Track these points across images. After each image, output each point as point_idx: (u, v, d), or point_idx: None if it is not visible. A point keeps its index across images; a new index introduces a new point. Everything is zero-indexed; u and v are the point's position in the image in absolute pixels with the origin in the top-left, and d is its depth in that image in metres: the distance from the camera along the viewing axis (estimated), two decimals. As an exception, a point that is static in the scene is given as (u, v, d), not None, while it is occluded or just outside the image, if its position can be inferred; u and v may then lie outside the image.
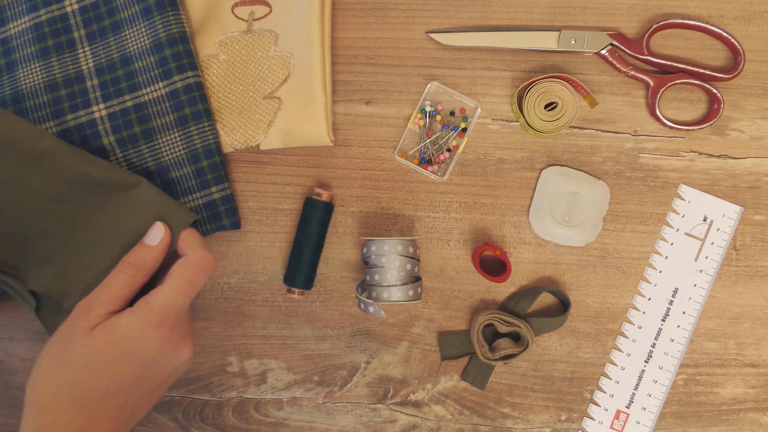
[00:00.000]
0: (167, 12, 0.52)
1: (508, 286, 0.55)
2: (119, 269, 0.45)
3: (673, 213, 0.54)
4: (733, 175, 0.54)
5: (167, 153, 0.53)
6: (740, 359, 0.54)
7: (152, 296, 0.43)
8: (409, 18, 0.55)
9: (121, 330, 0.42)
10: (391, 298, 0.49)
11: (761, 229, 0.54)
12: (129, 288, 0.45)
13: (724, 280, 0.54)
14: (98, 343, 0.42)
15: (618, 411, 0.54)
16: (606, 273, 0.54)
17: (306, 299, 0.55)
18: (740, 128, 0.54)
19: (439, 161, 0.54)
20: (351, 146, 0.55)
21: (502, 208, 0.55)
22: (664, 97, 0.54)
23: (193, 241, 0.46)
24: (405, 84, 0.55)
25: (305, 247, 0.53)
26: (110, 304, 0.44)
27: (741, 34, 0.54)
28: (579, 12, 0.55)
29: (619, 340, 0.54)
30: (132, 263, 0.45)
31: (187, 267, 0.44)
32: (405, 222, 0.55)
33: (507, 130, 0.55)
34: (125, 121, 0.53)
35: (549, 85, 0.52)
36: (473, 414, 0.55)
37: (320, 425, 0.55)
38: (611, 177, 0.54)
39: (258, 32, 0.55)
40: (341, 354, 0.55)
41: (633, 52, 0.53)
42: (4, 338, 0.56)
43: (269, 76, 0.54)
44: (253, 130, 0.54)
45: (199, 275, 0.45)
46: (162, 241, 0.46)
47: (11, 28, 0.54)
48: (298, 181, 0.55)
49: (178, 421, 0.55)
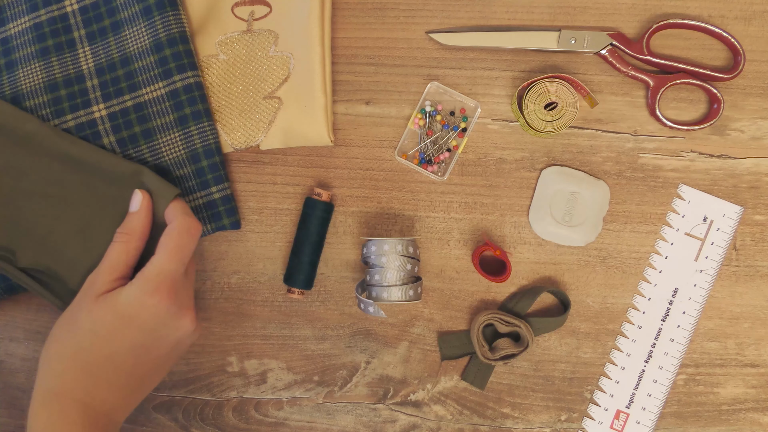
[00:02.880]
0: (167, 12, 0.52)
1: (508, 286, 0.55)
2: (114, 240, 0.48)
3: (673, 213, 0.54)
4: (733, 175, 0.54)
5: (167, 153, 0.53)
6: (740, 359, 0.54)
7: (147, 267, 0.46)
8: (409, 18, 0.55)
9: (122, 299, 0.45)
10: (391, 298, 0.49)
11: (761, 229, 0.54)
12: (126, 254, 0.47)
13: (724, 280, 0.54)
14: (102, 311, 0.45)
15: (618, 411, 0.54)
16: (606, 273, 0.54)
17: (306, 299, 0.55)
18: (740, 128, 0.54)
19: (439, 161, 0.54)
20: (351, 146, 0.55)
21: (502, 208, 0.55)
22: (664, 97, 0.54)
23: (176, 209, 0.49)
24: (405, 84, 0.55)
25: (305, 247, 0.53)
26: (112, 271, 0.47)
27: (741, 34, 0.54)
28: (579, 12, 0.55)
29: (619, 340, 0.54)
30: (122, 231, 0.48)
31: (173, 233, 0.47)
32: (405, 222, 0.55)
33: (507, 130, 0.55)
34: (125, 121, 0.53)
35: (549, 85, 0.52)
36: (473, 414, 0.55)
37: (320, 425, 0.55)
38: (611, 177, 0.54)
39: (258, 32, 0.55)
40: (341, 354, 0.55)
41: (633, 52, 0.53)
42: (4, 338, 0.56)
43: (269, 76, 0.54)
44: (253, 130, 0.54)
45: (185, 239, 0.47)
46: (143, 205, 0.49)
47: (11, 28, 0.54)
48: (298, 181, 0.55)
49: (178, 421, 0.55)
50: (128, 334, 0.45)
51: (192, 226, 0.48)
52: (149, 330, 0.45)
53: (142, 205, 0.49)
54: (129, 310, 0.45)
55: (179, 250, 0.46)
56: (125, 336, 0.45)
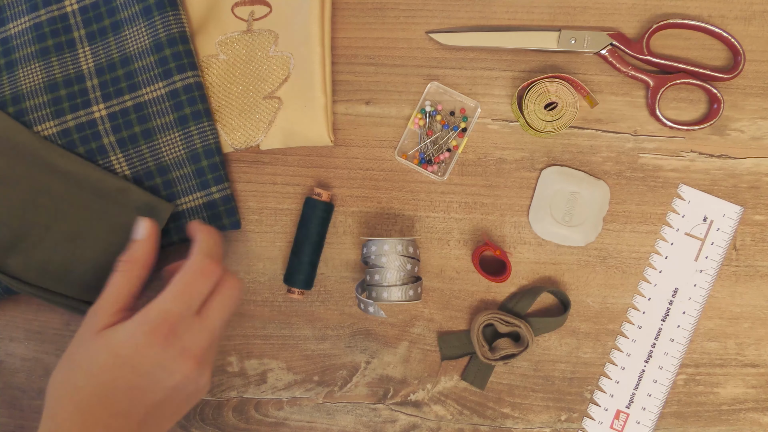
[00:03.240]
0: (167, 12, 0.52)
1: (508, 286, 0.55)
2: (115, 269, 0.46)
3: (673, 213, 0.54)
4: (733, 175, 0.54)
5: (167, 153, 0.53)
6: (740, 359, 0.54)
7: (150, 305, 0.43)
8: (409, 18, 0.55)
9: (119, 336, 0.43)
10: (391, 298, 0.49)
11: (761, 229, 0.54)
12: (128, 284, 0.46)
13: (724, 280, 0.54)
14: (97, 348, 0.43)
15: (618, 411, 0.54)
16: (606, 273, 0.54)
17: (306, 299, 0.55)
18: (740, 128, 0.54)
19: (439, 161, 0.54)
20: (351, 146, 0.55)
21: (502, 208, 0.55)
22: (664, 97, 0.54)
23: (201, 245, 0.46)
24: (405, 84, 0.55)
25: (305, 247, 0.53)
26: (114, 303, 0.45)
27: (741, 34, 0.54)
28: (579, 12, 0.55)
29: (619, 340, 0.54)
30: (125, 260, 0.46)
31: (186, 273, 0.44)
32: (405, 222, 0.55)
33: (507, 130, 0.55)
34: (125, 121, 0.53)
35: (549, 85, 0.52)
36: (473, 414, 0.55)
37: (320, 425, 0.55)
38: (611, 177, 0.54)
39: (258, 32, 0.55)
40: (341, 354, 0.55)
41: (633, 52, 0.53)
42: (4, 338, 0.56)
43: (269, 76, 0.54)
44: (253, 130, 0.54)
45: (197, 281, 0.44)
46: (149, 233, 0.47)
47: (11, 28, 0.54)
48: (298, 181, 0.55)
49: (178, 421, 0.55)
50: (122, 374, 0.42)
51: (207, 268, 0.44)
52: (144, 373, 0.42)
53: (149, 233, 0.47)
54: (124, 350, 0.42)
55: (188, 291, 0.44)
56: (119, 376, 0.42)
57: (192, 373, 0.43)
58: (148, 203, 0.51)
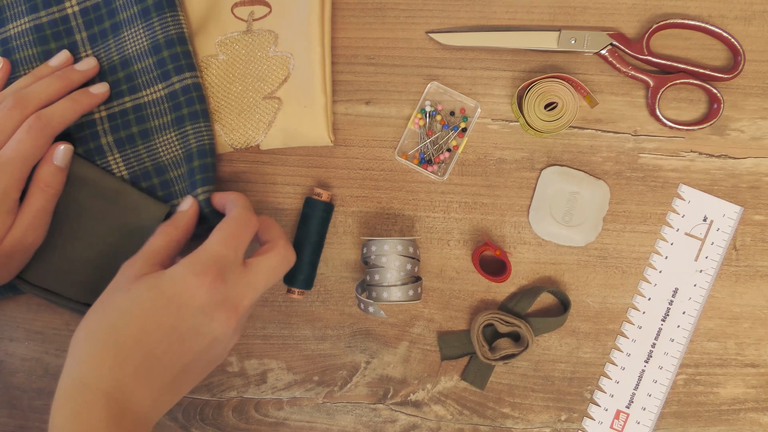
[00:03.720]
0: (165, 13, 0.52)
1: (508, 286, 0.55)
2: (156, 231, 0.48)
3: (673, 213, 0.54)
4: (733, 175, 0.54)
5: (164, 153, 0.53)
6: (740, 359, 0.54)
7: (197, 249, 0.44)
8: (409, 18, 0.55)
9: (167, 277, 0.43)
10: (391, 298, 0.49)
11: (761, 229, 0.54)
12: (167, 244, 0.47)
13: (724, 280, 0.54)
14: (141, 289, 0.42)
15: (618, 411, 0.54)
16: (606, 273, 0.54)
17: (306, 299, 0.55)
18: (740, 128, 0.54)
19: (439, 161, 0.54)
20: (351, 146, 0.55)
21: (502, 208, 0.55)
22: (664, 97, 0.54)
23: (237, 202, 0.48)
24: (405, 84, 0.55)
25: (305, 247, 0.53)
26: (153, 256, 0.45)
27: (741, 34, 0.54)
28: (579, 12, 0.55)
29: (619, 340, 0.54)
30: (167, 224, 0.48)
31: (231, 221, 0.46)
32: (405, 222, 0.55)
33: (507, 130, 0.55)
34: (124, 122, 0.53)
35: (549, 85, 0.52)
36: (473, 414, 0.55)
37: (320, 425, 0.55)
38: (611, 177, 0.54)
39: (258, 32, 0.55)
40: (341, 354, 0.55)
41: (633, 52, 0.53)
42: (4, 338, 0.56)
43: (269, 76, 0.54)
44: (253, 130, 0.54)
45: (242, 230, 0.45)
46: (192, 208, 0.50)
47: (11, 29, 0.54)
48: (298, 181, 0.55)
49: (178, 421, 0.55)
50: (164, 316, 0.42)
51: (250, 220, 0.46)
52: (187, 315, 0.42)
53: (192, 207, 0.49)
54: (170, 289, 0.42)
55: (233, 237, 0.44)
56: (161, 318, 0.42)
57: (228, 329, 0.43)
58: (144, 204, 0.52)
